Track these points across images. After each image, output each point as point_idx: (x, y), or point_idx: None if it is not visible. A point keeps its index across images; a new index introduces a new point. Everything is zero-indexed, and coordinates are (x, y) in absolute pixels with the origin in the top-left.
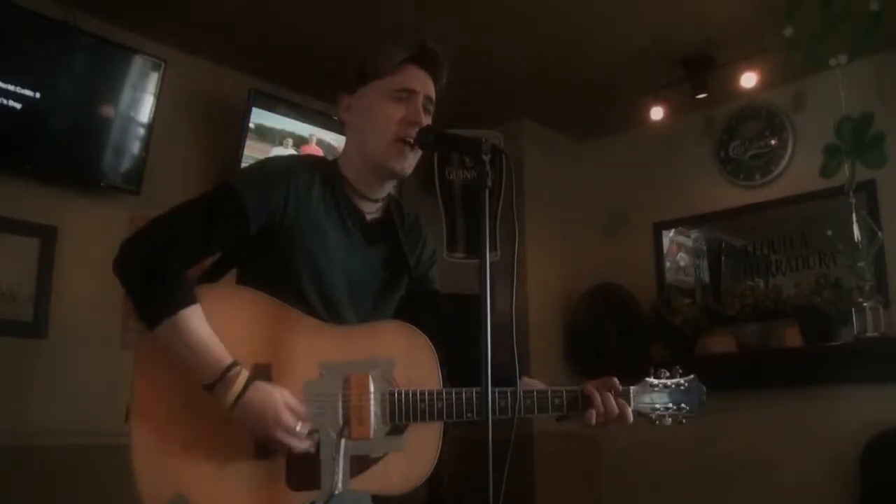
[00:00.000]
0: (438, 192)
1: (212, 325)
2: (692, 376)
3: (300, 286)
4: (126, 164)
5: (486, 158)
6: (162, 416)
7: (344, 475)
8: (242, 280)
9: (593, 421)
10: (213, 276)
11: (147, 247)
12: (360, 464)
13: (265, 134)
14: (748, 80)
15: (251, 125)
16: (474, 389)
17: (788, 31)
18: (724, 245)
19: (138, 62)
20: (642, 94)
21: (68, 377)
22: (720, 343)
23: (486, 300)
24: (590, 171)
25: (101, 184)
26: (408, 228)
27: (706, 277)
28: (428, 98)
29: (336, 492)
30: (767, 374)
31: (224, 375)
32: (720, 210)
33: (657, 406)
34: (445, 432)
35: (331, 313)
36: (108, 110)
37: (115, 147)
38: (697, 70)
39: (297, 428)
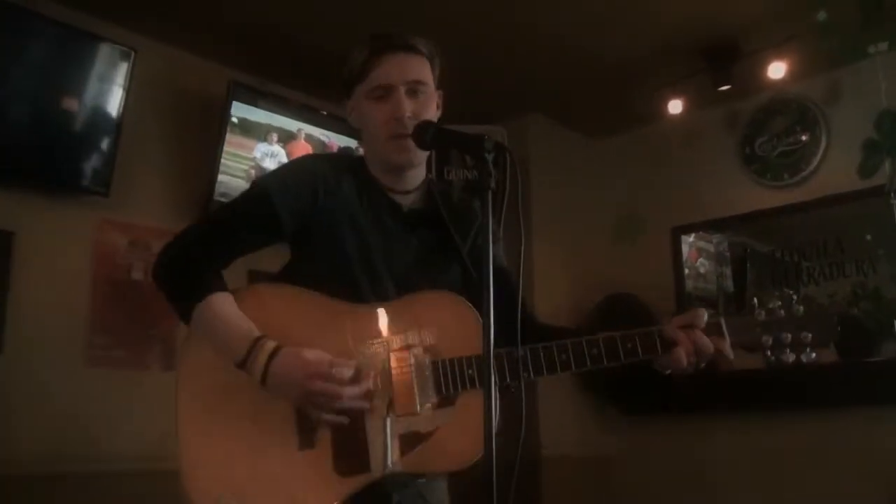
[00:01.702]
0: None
1: (264, 318)
2: (813, 300)
3: (347, 273)
4: (93, 164)
5: (489, 157)
6: (206, 419)
7: (393, 454)
8: (292, 277)
9: (684, 361)
10: (284, 277)
11: (179, 250)
12: (410, 442)
13: (248, 129)
14: (776, 70)
15: (233, 120)
16: (528, 347)
17: (822, 16)
18: (749, 251)
19: (105, 51)
20: (659, 87)
21: (27, 397)
22: (747, 359)
23: (488, 313)
24: (602, 171)
25: (65, 185)
26: (459, 214)
27: (729, 287)
28: (412, 82)
29: (387, 471)
30: (798, 394)
31: (252, 348)
32: (745, 212)
33: (766, 339)
34: (503, 395)
35: (377, 293)
36: (71, 104)
37: (79, 144)
38: (720, 60)
39: (334, 372)
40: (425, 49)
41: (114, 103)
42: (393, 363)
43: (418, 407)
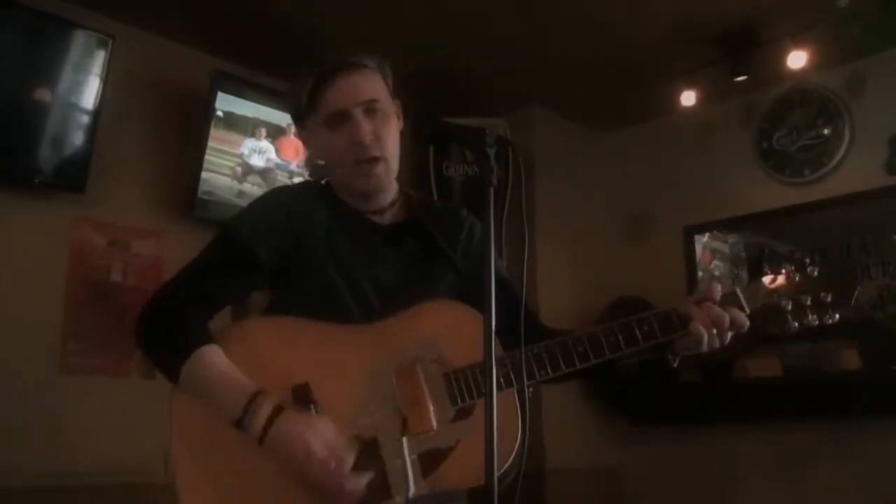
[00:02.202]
0: (435, 192)
1: (244, 358)
2: (827, 259)
3: (334, 299)
4: (67, 158)
5: (491, 151)
6: (209, 468)
7: (415, 477)
8: (276, 308)
9: (703, 336)
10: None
11: (159, 308)
12: (432, 460)
13: (234, 123)
14: (796, 59)
15: (217, 113)
16: (542, 345)
17: (844, 2)
18: (766, 252)
19: (80, 38)
20: (672, 77)
21: None
22: (762, 366)
23: (490, 317)
24: (610, 167)
25: (36, 181)
26: (443, 222)
27: None
28: (364, 102)
29: (411, 495)
30: (819, 403)
31: (249, 405)
32: (762, 211)
33: (785, 303)
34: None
35: (367, 315)
36: (44, 94)
37: (52, 138)
38: (736, 48)
39: (333, 464)
40: (371, 62)
41: (90, 94)
42: (401, 381)
43: (434, 423)
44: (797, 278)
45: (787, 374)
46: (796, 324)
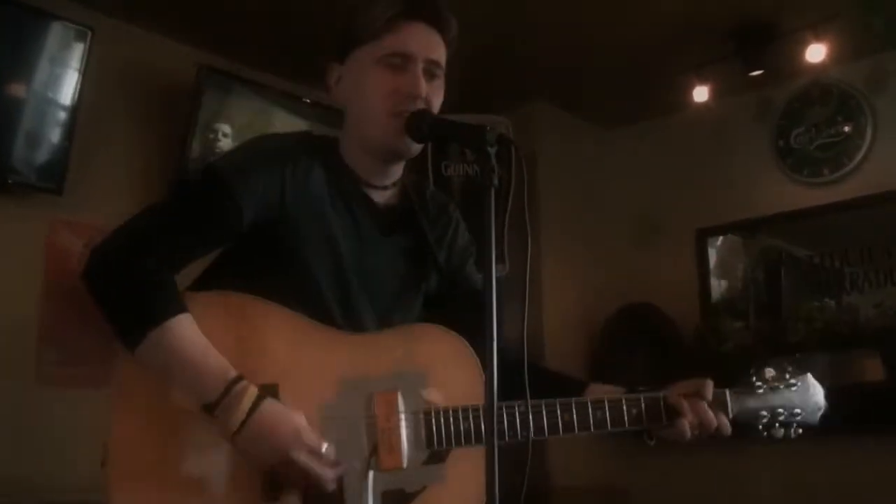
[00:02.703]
0: None
1: (209, 337)
2: (806, 374)
3: (309, 285)
4: (43, 157)
5: (492, 150)
6: (149, 460)
7: None
8: (236, 285)
9: (687, 434)
10: (208, 284)
11: (123, 250)
12: (394, 501)
13: (222, 120)
14: (815, 53)
15: (203, 109)
16: (529, 403)
17: None
18: (784, 256)
19: (58, 30)
20: (683, 72)
21: None
22: None
23: (491, 325)
24: (618, 166)
25: (10, 181)
26: (434, 215)
27: (762, 296)
28: (431, 62)
29: None
30: (840, 417)
31: (229, 391)
32: (779, 213)
33: (764, 413)
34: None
35: (348, 314)
36: (18, 89)
37: (28, 135)
38: (751, 41)
39: (323, 450)
40: (452, 31)
41: (67, 89)
42: (379, 407)
43: (405, 461)
44: (781, 387)
45: (765, 438)
46: (765, 433)
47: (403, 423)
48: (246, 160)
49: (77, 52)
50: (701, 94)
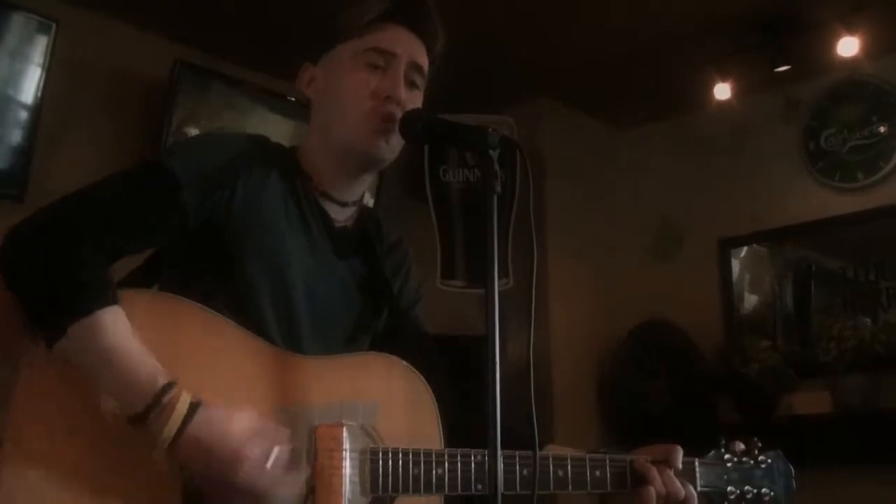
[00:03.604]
0: (430, 199)
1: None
2: (777, 452)
3: (249, 299)
4: (2, 162)
5: (495, 154)
6: (54, 450)
7: None
8: (172, 286)
9: (652, 502)
10: (141, 281)
11: (49, 231)
12: None
13: (199, 119)
14: (847, 46)
15: (178, 108)
16: (486, 452)
17: None
18: (814, 268)
19: (19, 22)
20: (703, 67)
21: None
22: (811, 402)
23: (493, 344)
24: (633, 169)
25: None
26: (388, 249)
27: (790, 312)
28: (415, 66)
29: None
30: (875, 444)
31: (159, 399)
32: (809, 221)
33: (731, 489)
34: None
35: (288, 337)
36: None
37: None
38: (777, 33)
39: (271, 461)
40: (438, 44)
41: (29, 87)
42: (322, 441)
43: None
44: (751, 463)
45: (838, 410)
46: None
47: (347, 463)
48: (199, 158)
49: (40, 45)
50: (722, 91)
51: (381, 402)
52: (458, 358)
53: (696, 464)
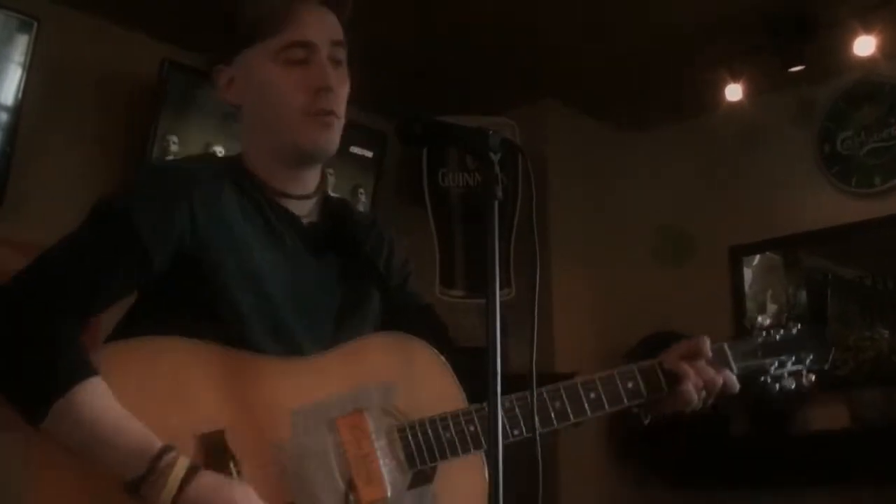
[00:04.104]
0: (429, 206)
1: (129, 397)
2: (803, 318)
3: (236, 320)
4: None
5: (496, 157)
6: None
7: None
8: (159, 328)
9: (694, 398)
10: (131, 331)
11: (13, 310)
12: None
13: (188, 121)
14: (863, 45)
15: (166, 111)
16: (515, 398)
17: None
18: (830, 277)
19: None
20: (714, 67)
21: None
22: (827, 416)
23: (494, 357)
24: (641, 174)
25: None
26: (363, 232)
27: (806, 323)
28: (334, 44)
29: None
30: (894, 460)
31: (154, 466)
32: (824, 228)
33: (769, 362)
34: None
35: (284, 346)
36: None
37: None
38: (791, 33)
39: None
40: (347, 8)
41: (9, 88)
42: (345, 434)
43: (388, 490)
44: (782, 332)
45: (856, 425)
46: (777, 385)
47: (377, 447)
48: (148, 194)
49: (20, 45)
50: (734, 92)
51: (393, 380)
52: (456, 372)
53: (727, 347)
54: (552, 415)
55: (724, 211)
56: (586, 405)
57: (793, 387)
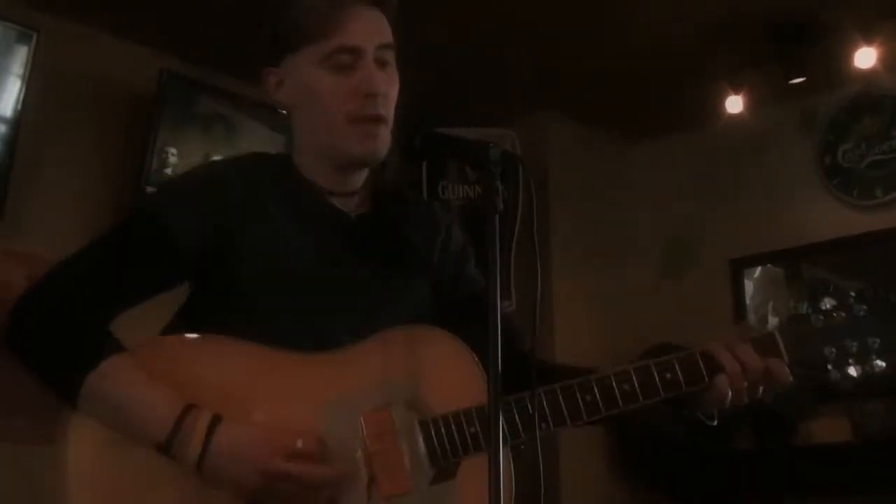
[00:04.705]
0: None
1: (166, 382)
2: (873, 293)
3: (277, 320)
4: None
5: (496, 169)
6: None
7: None
8: (196, 326)
9: (727, 390)
10: (178, 328)
11: (47, 304)
12: None
13: (186, 132)
14: (865, 57)
15: (165, 120)
16: (543, 389)
17: None
18: (832, 290)
19: None
20: (714, 78)
21: None
22: (830, 429)
23: (495, 370)
24: (641, 186)
25: None
26: (416, 218)
27: None
28: (382, 47)
29: None
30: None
31: (179, 425)
32: (826, 240)
33: (829, 349)
34: (515, 457)
35: (320, 341)
36: None
37: None
38: (792, 45)
39: (298, 444)
40: (393, 4)
41: (9, 99)
42: (369, 429)
43: (410, 484)
44: (843, 315)
45: (859, 438)
46: (838, 374)
47: (401, 441)
48: (180, 192)
49: (20, 56)
50: (735, 103)
51: (419, 373)
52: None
53: (777, 333)
54: (581, 408)
55: (725, 223)
56: (618, 397)
57: (855, 376)
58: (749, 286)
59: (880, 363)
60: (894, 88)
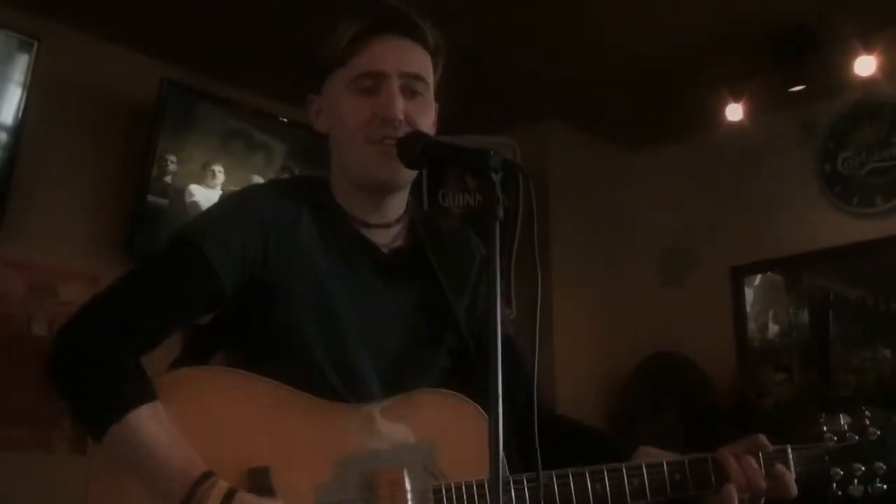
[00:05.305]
0: None
1: (185, 425)
2: (889, 417)
3: (302, 351)
4: None
5: (496, 177)
6: None
7: None
8: (226, 359)
9: (733, 500)
10: (197, 357)
11: (86, 335)
12: None
13: (187, 142)
14: (864, 65)
15: (166, 128)
16: (553, 473)
17: None
18: (832, 297)
19: None
20: (715, 87)
21: None
22: None
23: (496, 377)
24: (642, 193)
25: None
26: (451, 255)
27: (808, 343)
28: (410, 76)
29: None
30: None
31: (195, 491)
32: (826, 248)
33: (836, 471)
34: None
35: (352, 386)
36: None
37: None
38: (792, 53)
39: None
40: (432, 39)
41: (9, 108)
42: (382, 487)
43: None
44: (857, 439)
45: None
46: (840, 492)
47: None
48: (220, 219)
49: (20, 64)
50: (735, 111)
51: (438, 439)
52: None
53: (790, 451)
54: (591, 497)
55: (726, 230)
56: (627, 491)
57: (859, 495)
58: (749, 293)
59: (882, 486)
60: (894, 96)
